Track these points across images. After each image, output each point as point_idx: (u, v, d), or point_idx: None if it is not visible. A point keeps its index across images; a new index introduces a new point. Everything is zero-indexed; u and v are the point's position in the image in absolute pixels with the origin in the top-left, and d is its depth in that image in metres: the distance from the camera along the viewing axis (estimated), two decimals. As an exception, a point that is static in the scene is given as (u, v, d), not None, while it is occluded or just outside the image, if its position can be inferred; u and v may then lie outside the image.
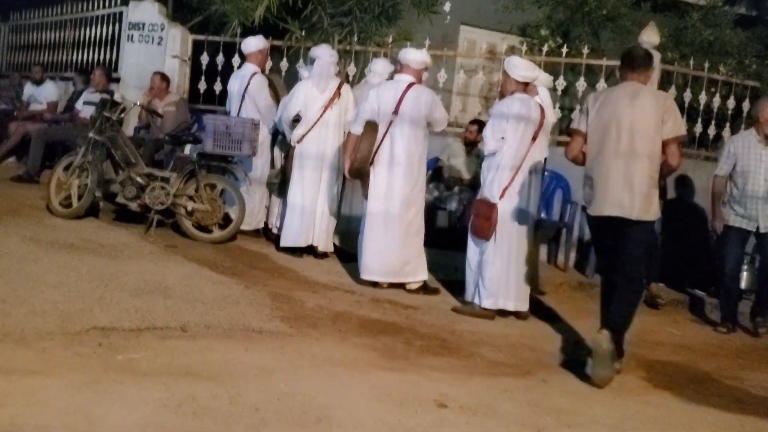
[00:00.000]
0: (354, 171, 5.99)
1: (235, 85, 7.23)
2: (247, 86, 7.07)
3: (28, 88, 9.76)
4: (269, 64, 8.33)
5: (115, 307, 4.40)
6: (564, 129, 8.07)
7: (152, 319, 4.29)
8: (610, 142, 4.45)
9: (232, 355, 3.94)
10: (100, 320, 4.15)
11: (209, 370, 3.69)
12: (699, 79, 8.35)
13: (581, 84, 8.03)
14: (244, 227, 6.85)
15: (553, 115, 6.48)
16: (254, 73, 7.10)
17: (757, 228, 6.28)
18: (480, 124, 7.61)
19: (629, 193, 4.42)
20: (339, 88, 6.71)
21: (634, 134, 4.41)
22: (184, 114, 8.24)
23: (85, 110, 8.26)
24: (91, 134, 6.65)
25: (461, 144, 8.06)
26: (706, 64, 8.30)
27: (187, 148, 7.33)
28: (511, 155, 5.49)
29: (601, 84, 7.97)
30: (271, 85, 7.32)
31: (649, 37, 7.91)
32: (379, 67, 6.99)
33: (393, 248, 5.91)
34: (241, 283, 5.36)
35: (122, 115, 7.07)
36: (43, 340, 3.75)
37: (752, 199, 6.23)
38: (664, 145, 4.44)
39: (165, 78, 8.35)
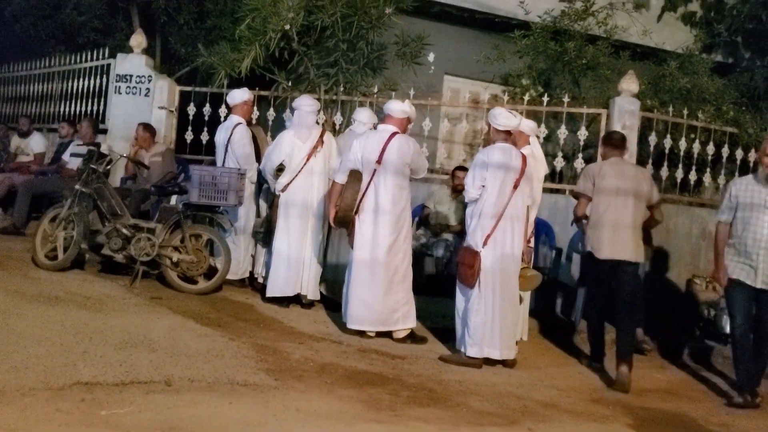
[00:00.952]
0: (338, 220, 6.04)
1: (220, 136, 7.31)
2: (230, 137, 7.15)
3: (15, 140, 9.79)
4: (256, 114, 8.44)
5: (99, 361, 4.37)
6: (548, 177, 8.17)
7: (136, 373, 4.27)
8: (616, 204, 5.82)
9: (216, 409, 3.91)
10: (84, 375, 4.11)
11: (193, 424, 3.66)
12: (679, 126, 8.50)
13: (563, 131, 8.16)
14: (229, 277, 6.85)
15: (545, 166, 6.51)
16: (238, 124, 7.19)
17: (755, 283, 5.58)
18: (466, 171, 7.70)
19: (631, 242, 5.85)
20: (321, 136, 6.79)
21: (633, 199, 5.87)
22: (170, 164, 8.29)
23: (72, 162, 8.29)
24: (77, 186, 6.68)
25: (447, 190, 8.13)
26: (685, 111, 8.46)
27: (173, 199, 7.37)
28: (492, 203, 5.56)
29: (582, 131, 8.11)
30: (254, 137, 7.40)
31: (629, 85, 8.10)
32: (364, 116, 7.10)
33: (379, 297, 5.91)
34: (226, 335, 5.35)
35: (109, 167, 7.11)
36: (25, 396, 3.71)
37: (752, 249, 5.56)
38: (653, 207, 6.07)
39: (150, 129, 8.43)
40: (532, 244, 6.25)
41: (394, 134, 6.03)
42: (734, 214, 5.71)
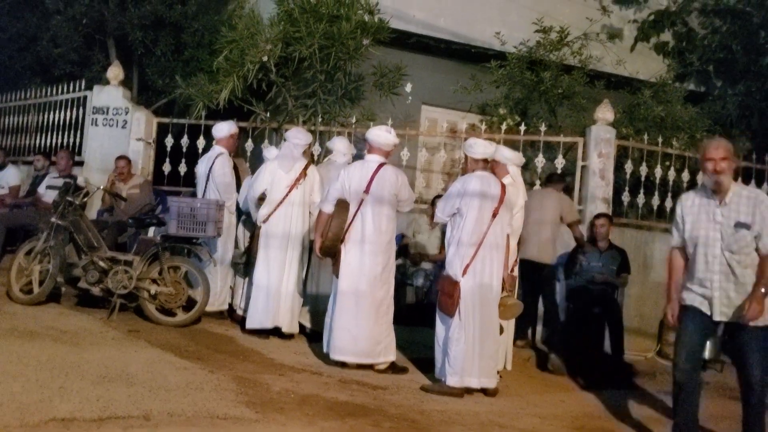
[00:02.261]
0: (325, 249, 5.99)
1: (201, 166, 7.29)
2: (211, 166, 7.13)
3: (-10, 173, 9.69)
4: (234, 145, 8.45)
5: (76, 396, 4.29)
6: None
7: (114, 408, 4.19)
8: (536, 220, 7.18)
9: (196, 443, 3.85)
10: (60, 411, 4.03)
11: (172, 460, 3.59)
12: (654, 153, 8.63)
13: (540, 160, 8.24)
14: (207, 308, 6.77)
15: (524, 193, 6.55)
16: (220, 154, 7.17)
17: (711, 314, 4.67)
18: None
19: (546, 248, 7.38)
20: (305, 168, 6.78)
21: (551, 218, 7.42)
22: (147, 196, 8.25)
23: (47, 194, 8.21)
24: (53, 219, 6.60)
25: (426, 219, 8.15)
26: (660, 139, 8.58)
27: (151, 231, 7.31)
28: (469, 231, 5.56)
29: (560, 160, 8.19)
30: (236, 168, 7.38)
31: (604, 114, 8.22)
32: (342, 146, 7.13)
33: (364, 328, 5.86)
34: (205, 367, 5.28)
35: (85, 200, 7.05)
36: (0, 434, 3.64)
37: (705, 274, 4.66)
38: (572, 225, 7.61)
39: (129, 161, 8.40)
40: (515, 273, 6.26)
41: (382, 165, 6.03)
42: (684, 236, 4.82)
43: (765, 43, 10.81)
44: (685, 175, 8.66)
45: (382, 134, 6.13)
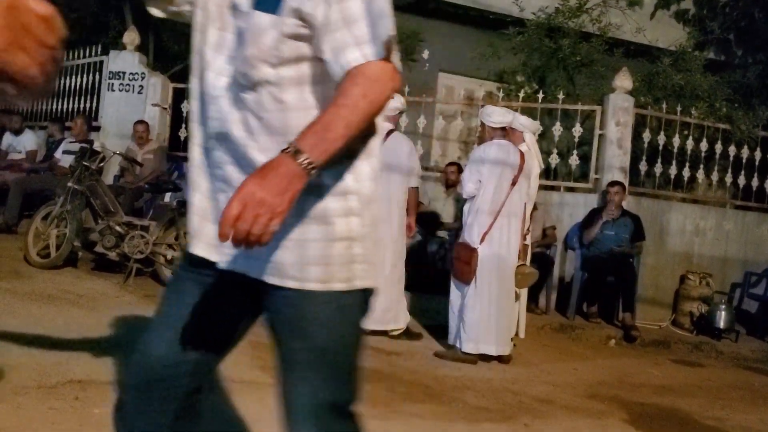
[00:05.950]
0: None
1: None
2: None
3: (7, 138, 9.71)
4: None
5: (93, 359, 4.34)
6: (543, 174, 8.18)
7: (130, 370, 4.24)
8: None
9: (211, 406, 3.89)
10: (77, 373, 4.08)
11: (188, 422, 3.63)
12: (672, 123, 8.51)
13: (557, 128, 8.16)
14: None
15: (540, 161, 6.50)
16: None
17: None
18: (457, 166, 7.75)
19: None
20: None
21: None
22: (160, 162, 8.26)
23: (64, 159, 8.25)
24: (70, 183, 6.64)
25: (441, 187, 8.13)
26: (679, 108, 8.47)
27: (168, 196, 7.34)
28: (488, 200, 5.54)
29: (577, 128, 8.10)
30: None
31: (623, 82, 8.11)
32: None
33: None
34: (221, 331, 5.32)
35: (102, 165, 7.07)
36: (18, 394, 3.68)
37: (200, 137, 1.75)
38: None
39: (147, 126, 8.43)
40: (528, 241, 6.24)
41: (390, 131, 6.00)
42: None
43: (789, 11, 10.60)
44: (704, 145, 8.54)
45: None
